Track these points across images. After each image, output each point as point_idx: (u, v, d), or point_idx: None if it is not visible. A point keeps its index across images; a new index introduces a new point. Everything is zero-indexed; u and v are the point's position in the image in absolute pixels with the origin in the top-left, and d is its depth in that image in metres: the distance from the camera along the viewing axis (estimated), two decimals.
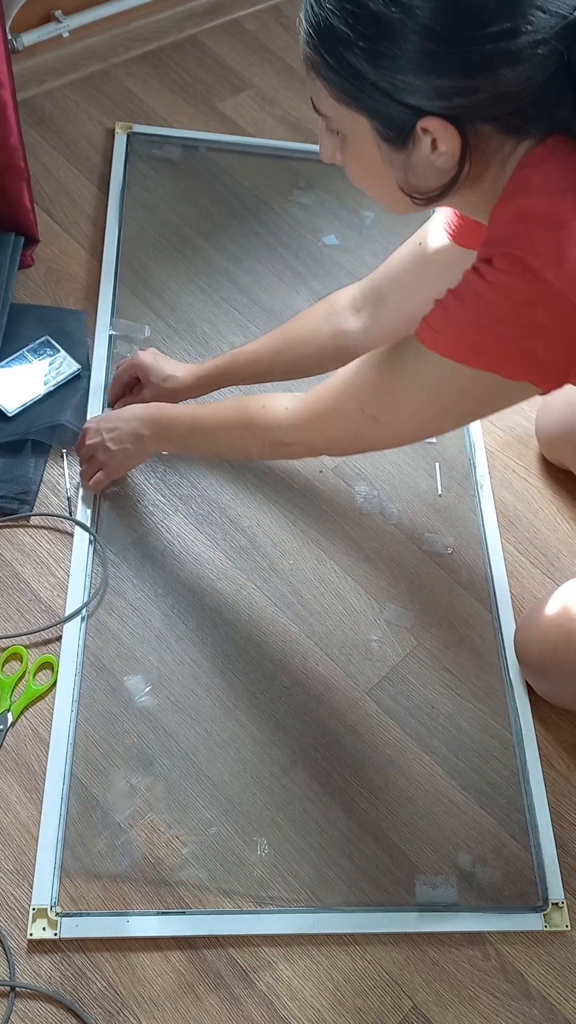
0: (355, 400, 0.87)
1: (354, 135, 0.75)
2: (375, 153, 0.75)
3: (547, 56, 0.67)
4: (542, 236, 0.70)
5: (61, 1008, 0.88)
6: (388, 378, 0.83)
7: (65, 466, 1.20)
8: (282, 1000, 0.92)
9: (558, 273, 0.69)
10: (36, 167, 1.47)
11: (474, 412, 0.84)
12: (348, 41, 0.68)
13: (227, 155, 1.57)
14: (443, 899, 0.98)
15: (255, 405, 0.98)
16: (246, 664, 1.09)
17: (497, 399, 0.80)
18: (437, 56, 0.67)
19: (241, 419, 0.99)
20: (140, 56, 1.68)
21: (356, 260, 1.48)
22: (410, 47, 0.67)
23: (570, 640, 1.02)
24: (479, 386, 0.77)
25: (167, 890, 0.95)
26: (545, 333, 0.71)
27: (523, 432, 1.35)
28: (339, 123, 0.75)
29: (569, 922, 0.98)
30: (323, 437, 0.93)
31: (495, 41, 0.65)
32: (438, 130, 0.71)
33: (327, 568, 1.18)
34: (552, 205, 0.71)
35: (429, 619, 1.17)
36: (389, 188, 0.79)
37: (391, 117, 0.71)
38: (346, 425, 0.89)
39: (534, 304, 0.70)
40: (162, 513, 1.19)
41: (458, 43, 0.66)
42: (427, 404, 0.82)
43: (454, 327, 0.75)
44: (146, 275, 1.40)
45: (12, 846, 0.95)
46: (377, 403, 0.85)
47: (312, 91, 0.75)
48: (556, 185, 0.71)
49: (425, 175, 0.75)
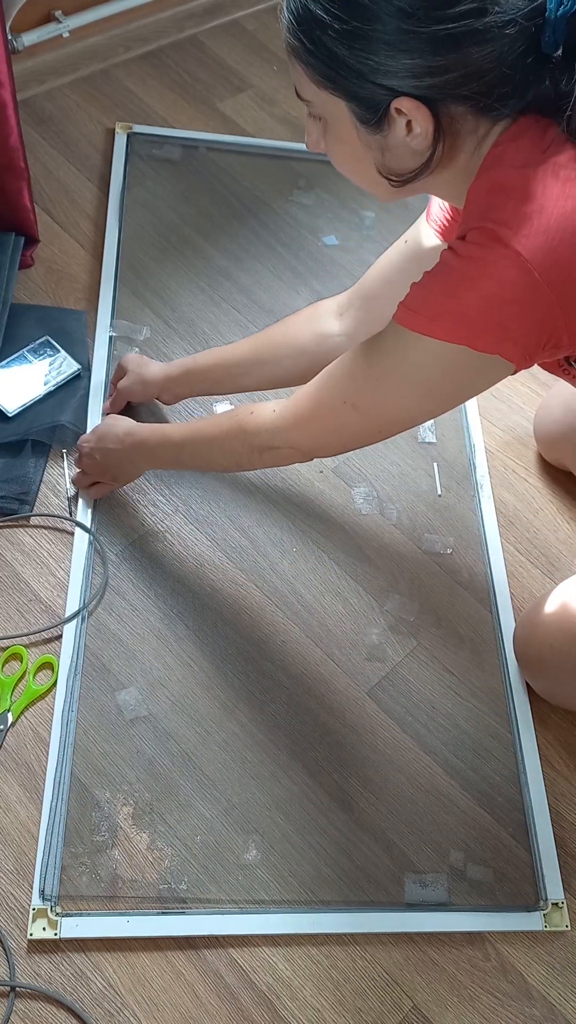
0: (338, 391, 0.87)
1: (334, 119, 0.78)
2: (354, 136, 0.78)
3: (516, 36, 0.69)
4: (512, 207, 0.72)
5: (61, 1008, 0.88)
6: (367, 364, 0.84)
7: (65, 466, 1.20)
8: (282, 1000, 0.92)
9: (525, 243, 0.70)
10: (36, 167, 1.47)
11: (452, 393, 0.84)
12: (324, 23, 0.71)
13: (227, 155, 1.57)
14: (433, 897, 0.98)
15: (243, 412, 0.98)
16: (246, 664, 1.09)
17: (472, 376, 0.80)
18: (407, 36, 0.69)
19: (231, 427, 0.99)
20: (140, 56, 1.68)
21: (356, 260, 1.48)
22: (381, 27, 0.69)
23: (569, 639, 1.02)
24: (453, 361, 0.77)
25: (167, 890, 0.95)
26: (512, 303, 0.72)
27: (523, 432, 1.35)
28: (320, 107, 0.78)
29: (569, 922, 0.98)
30: (309, 435, 0.93)
31: (463, 19, 0.68)
32: (411, 110, 0.73)
33: (327, 568, 1.18)
34: (522, 176, 0.73)
35: (429, 619, 1.17)
36: (368, 171, 0.81)
37: (366, 98, 0.74)
38: (331, 419, 0.89)
39: (501, 274, 0.72)
40: (162, 513, 1.19)
41: (427, 22, 0.68)
42: (405, 385, 0.82)
43: (427, 303, 0.77)
44: (146, 275, 1.40)
45: (12, 846, 0.95)
46: (358, 391, 0.85)
47: (295, 77, 0.78)
48: (527, 158, 0.73)
49: (401, 156, 0.78)
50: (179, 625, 1.11)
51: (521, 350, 0.76)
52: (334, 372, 0.88)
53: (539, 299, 0.72)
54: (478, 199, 0.76)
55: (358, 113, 0.75)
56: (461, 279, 0.74)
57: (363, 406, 0.86)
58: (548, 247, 0.70)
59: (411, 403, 0.84)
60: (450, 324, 0.75)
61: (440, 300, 0.76)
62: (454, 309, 0.74)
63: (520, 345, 0.75)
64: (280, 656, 1.11)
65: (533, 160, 0.73)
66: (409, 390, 0.82)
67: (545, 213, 0.71)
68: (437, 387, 0.81)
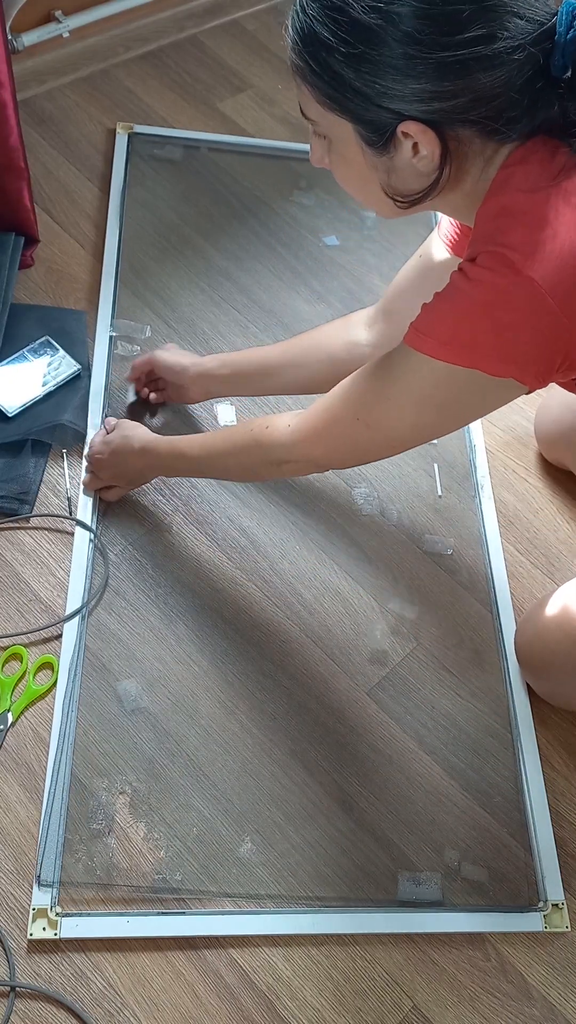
0: (350, 407, 0.87)
1: (339, 139, 0.77)
2: (359, 157, 0.77)
3: (524, 61, 0.69)
4: (522, 231, 0.71)
5: (61, 1008, 0.88)
6: (379, 384, 0.84)
7: (65, 466, 1.20)
8: (282, 1000, 0.92)
9: (536, 267, 0.70)
10: (36, 167, 1.47)
11: (463, 414, 0.84)
12: (330, 46, 0.71)
13: (227, 155, 1.57)
14: (426, 896, 0.97)
15: (259, 426, 0.98)
16: (246, 664, 1.09)
17: (484, 399, 0.80)
18: (415, 60, 0.69)
19: (247, 442, 0.99)
20: (140, 56, 1.68)
21: (357, 260, 1.48)
22: (389, 52, 0.69)
23: (570, 640, 1.02)
24: (464, 385, 0.77)
25: (167, 890, 0.95)
26: (524, 327, 0.72)
27: (523, 432, 1.35)
28: (325, 128, 0.78)
29: (569, 923, 0.98)
30: (322, 449, 0.93)
31: (471, 46, 0.68)
32: (418, 134, 0.72)
33: (327, 568, 1.18)
34: (532, 201, 0.72)
35: (429, 619, 1.17)
36: (373, 191, 0.81)
37: (372, 121, 0.73)
38: (343, 435, 0.89)
39: (513, 298, 0.71)
40: (162, 513, 1.19)
41: (435, 48, 0.68)
42: (416, 407, 0.82)
43: (437, 326, 0.76)
44: (146, 275, 1.40)
45: (12, 846, 0.95)
46: (369, 410, 0.85)
47: (300, 97, 0.78)
48: (536, 182, 0.73)
49: (407, 178, 0.77)
50: (179, 625, 1.11)
51: (535, 373, 0.75)
52: (347, 388, 0.88)
53: (553, 325, 0.71)
54: (487, 222, 0.75)
55: (364, 135, 0.75)
56: (472, 304, 0.73)
57: (377, 425, 0.86)
58: (563, 273, 0.70)
59: (422, 422, 0.84)
60: (461, 348, 0.75)
61: (451, 324, 0.75)
62: (465, 334, 0.74)
63: (533, 368, 0.75)
64: (280, 656, 1.11)
65: (543, 185, 0.72)
66: (421, 411, 0.82)
67: (559, 239, 0.70)
68: (448, 408, 0.81)
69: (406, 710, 1.10)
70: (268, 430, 0.97)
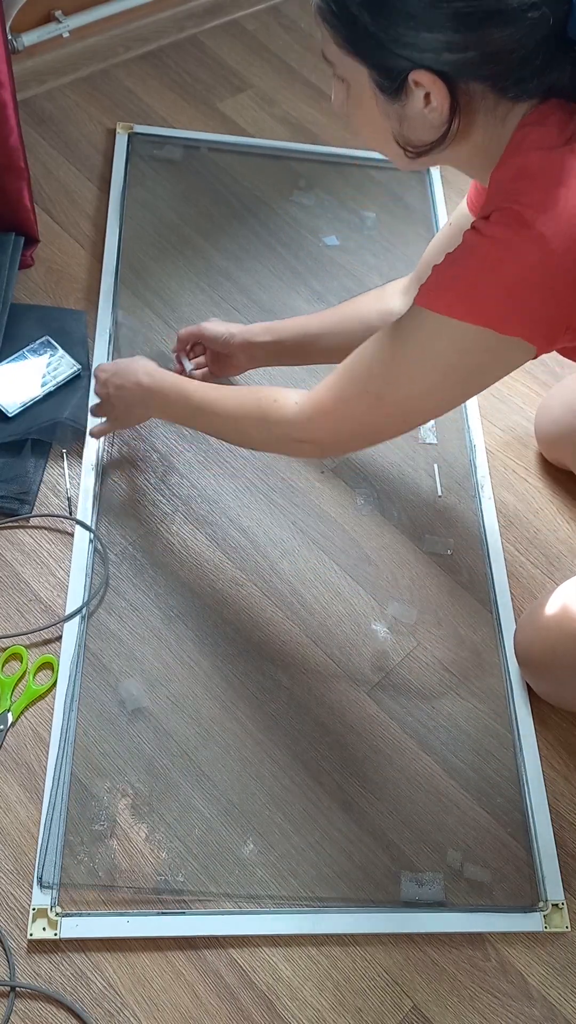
0: (359, 379, 0.87)
1: (355, 83, 0.79)
2: (373, 103, 0.79)
3: (538, 20, 0.69)
4: (537, 189, 0.72)
5: (61, 1008, 0.88)
6: (389, 348, 0.84)
7: (65, 466, 1.20)
8: (282, 1000, 0.92)
9: (550, 224, 0.71)
10: (36, 167, 1.47)
11: (473, 379, 0.83)
12: None
13: (227, 155, 1.57)
14: (429, 896, 0.97)
15: (267, 399, 0.97)
16: (246, 664, 1.09)
17: (492, 359, 0.80)
18: (430, 9, 0.70)
19: (252, 410, 0.98)
20: (140, 56, 1.68)
21: (357, 260, 1.48)
22: None
23: (570, 640, 1.02)
24: (475, 344, 0.77)
25: (167, 890, 0.95)
26: (537, 286, 0.72)
27: (523, 432, 1.35)
28: (343, 71, 0.79)
29: (569, 923, 0.98)
30: (331, 428, 0.92)
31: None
32: (429, 84, 0.74)
33: (327, 568, 1.18)
34: (548, 159, 0.73)
35: (429, 619, 1.17)
36: (386, 139, 0.82)
37: (386, 67, 0.75)
38: (352, 410, 0.89)
39: (526, 256, 0.72)
40: (162, 513, 1.19)
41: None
42: (426, 369, 0.81)
43: (448, 283, 0.77)
44: (146, 275, 1.40)
45: (12, 846, 0.95)
46: (379, 378, 0.85)
47: (321, 37, 0.79)
48: (553, 142, 0.74)
49: (418, 128, 0.79)
50: (179, 625, 1.11)
51: (544, 333, 0.76)
52: (355, 360, 0.88)
53: (564, 282, 0.72)
54: (504, 183, 0.76)
55: (377, 80, 0.76)
56: (484, 260, 0.74)
57: (387, 395, 0.85)
58: (574, 230, 0.70)
59: (434, 389, 0.83)
60: (472, 305, 0.75)
61: (462, 281, 0.76)
62: (476, 290, 0.74)
63: (543, 328, 0.75)
64: (280, 656, 1.11)
65: (559, 142, 0.73)
66: (427, 372, 0.82)
67: (573, 199, 0.71)
68: (455, 370, 0.81)
69: (406, 710, 1.10)
70: (276, 404, 0.96)
